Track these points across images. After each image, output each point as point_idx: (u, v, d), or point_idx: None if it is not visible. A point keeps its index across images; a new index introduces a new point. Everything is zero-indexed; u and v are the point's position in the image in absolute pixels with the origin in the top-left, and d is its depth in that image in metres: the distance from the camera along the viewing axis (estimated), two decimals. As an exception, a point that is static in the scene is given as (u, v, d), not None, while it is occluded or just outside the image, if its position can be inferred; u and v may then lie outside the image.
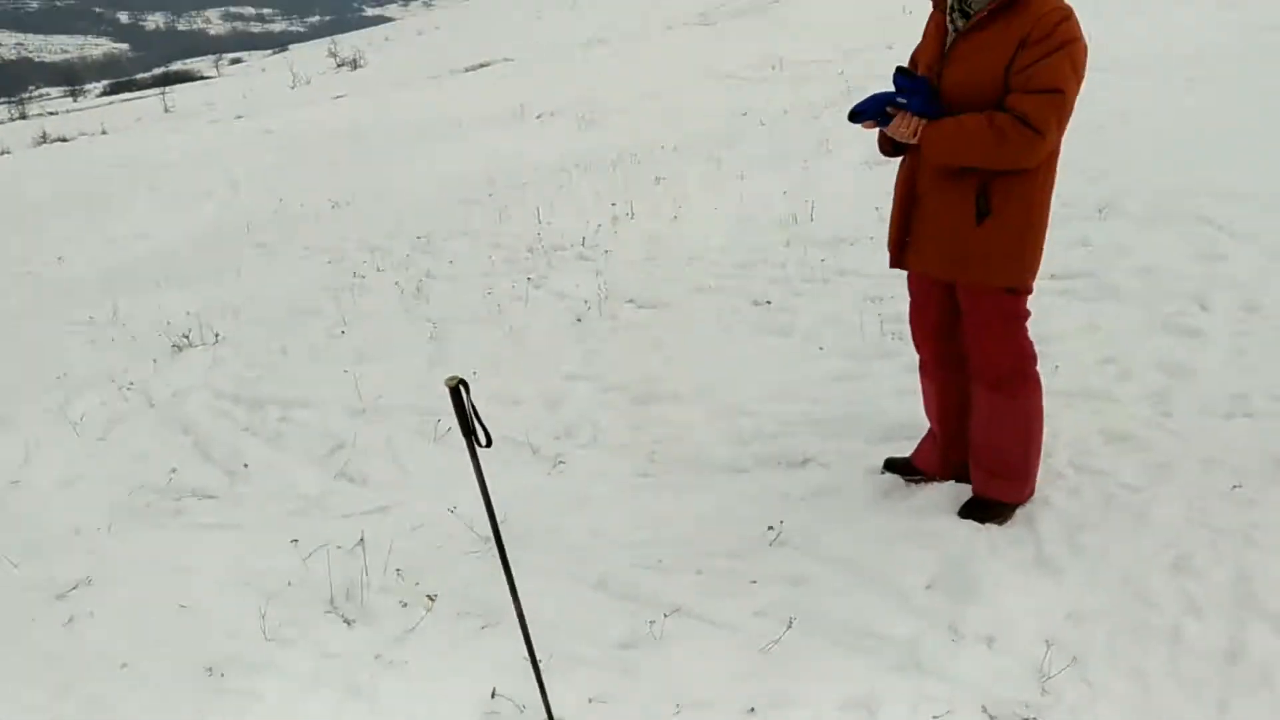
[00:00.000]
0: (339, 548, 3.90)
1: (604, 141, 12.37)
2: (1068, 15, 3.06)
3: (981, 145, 3.08)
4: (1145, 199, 6.45)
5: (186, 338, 6.67)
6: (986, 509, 3.50)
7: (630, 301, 6.38)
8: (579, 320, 6.17)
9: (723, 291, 6.33)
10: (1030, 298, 3.44)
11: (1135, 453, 3.73)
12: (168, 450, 5.10)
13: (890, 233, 3.56)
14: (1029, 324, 3.48)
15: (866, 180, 8.15)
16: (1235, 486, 3.45)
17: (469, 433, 2.45)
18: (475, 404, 2.53)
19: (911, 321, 3.73)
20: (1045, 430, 3.81)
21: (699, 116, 12.81)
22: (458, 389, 2.39)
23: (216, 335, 6.72)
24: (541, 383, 5.28)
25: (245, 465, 4.73)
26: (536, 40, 31.80)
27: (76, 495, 4.74)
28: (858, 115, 3.32)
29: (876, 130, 3.40)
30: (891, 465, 3.88)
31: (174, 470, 4.82)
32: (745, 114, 12.48)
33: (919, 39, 3.47)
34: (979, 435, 3.52)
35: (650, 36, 25.95)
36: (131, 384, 6.09)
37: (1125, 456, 3.71)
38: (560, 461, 4.48)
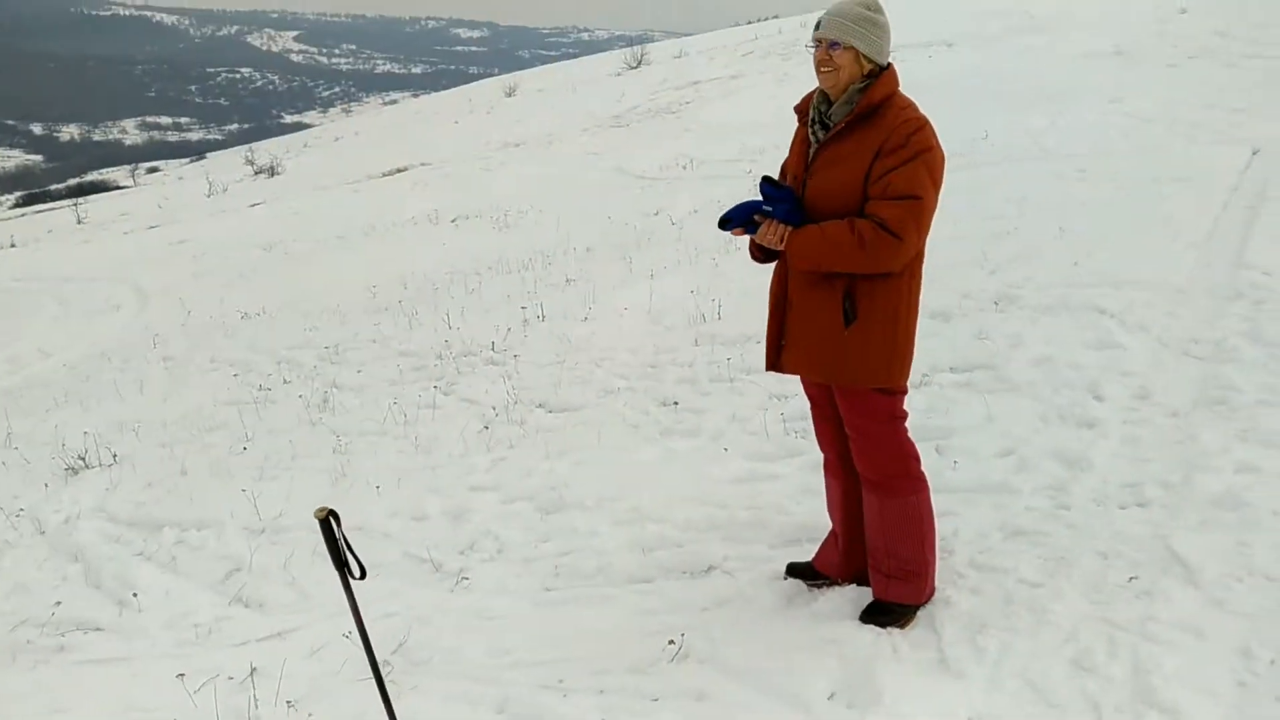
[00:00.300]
0: (230, 678, 3.74)
1: (518, 244, 12.43)
2: (922, 125, 3.18)
3: (843, 251, 3.16)
4: (1041, 289, 6.62)
5: (82, 459, 6.45)
6: (888, 613, 3.48)
7: (540, 406, 6.33)
8: (486, 427, 6.10)
9: (632, 392, 6.32)
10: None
11: (1034, 547, 3.75)
12: (54, 581, 4.89)
13: (767, 336, 3.61)
14: (910, 423, 3.52)
15: (769, 279, 8.26)
16: (1132, 578, 3.48)
17: (341, 565, 2.36)
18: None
19: (814, 421, 3.74)
20: (945, 527, 3.83)
21: (612, 217, 12.96)
22: (327, 520, 2.31)
23: (114, 455, 6.52)
24: (447, 495, 5.18)
25: (134, 594, 4.53)
26: (454, 145, 32.08)
27: (-49, 635, 4.50)
28: (727, 223, 3.39)
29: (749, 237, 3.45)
30: (794, 570, 3.84)
31: (58, 603, 4.61)
32: (656, 213, 12.66)
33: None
34: (873, 539, 3.53)
35: (566, 139, 26.36)
36: (21, 511, 5.86)
37: (1024, 552, 3.72)
38: (463, 578, 4.37)
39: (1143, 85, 14.36)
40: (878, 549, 3.51)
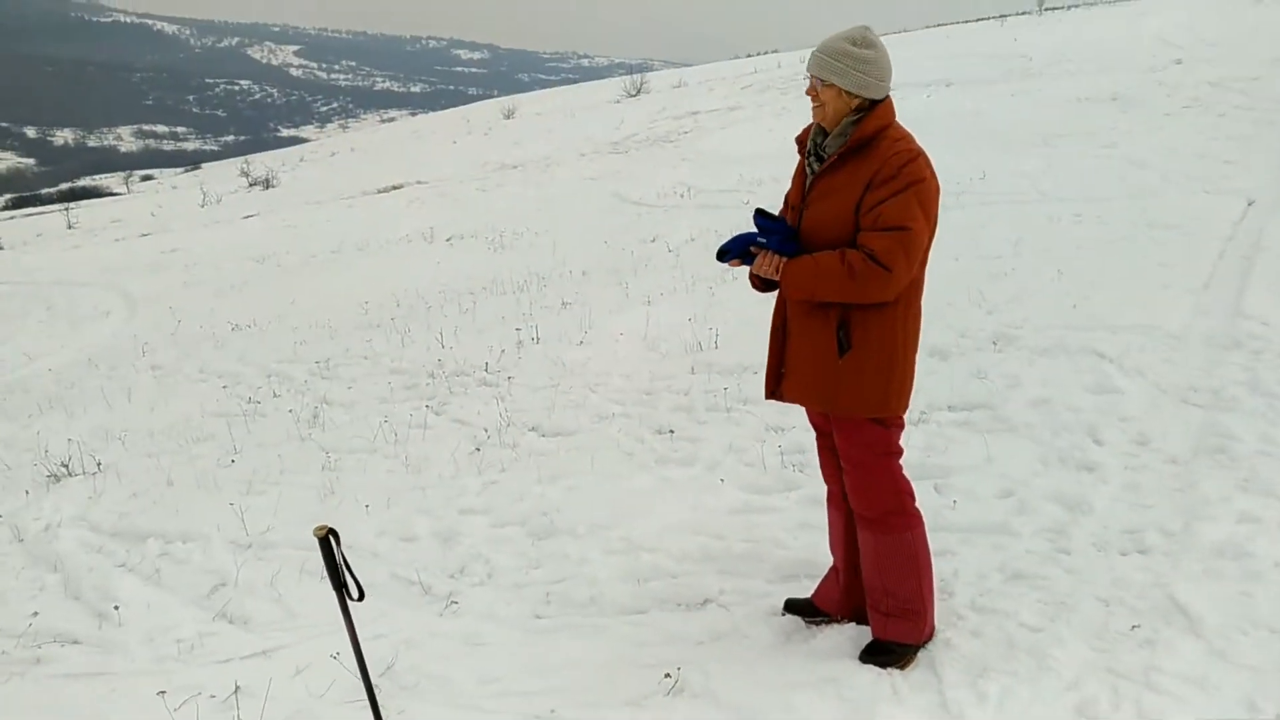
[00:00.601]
0: (212, 697, 3.66)
1: (513, 265, 12.40)
2: (915, 157, 3.19)
3: (835, 281, 3.18)
4: (1039, 331, 6.61)
5: (65, 467, 6.36)
6: (887, 652, 3.43)
7: (533, 429, 6.27)
8: (478, 449, 6.04)
9: (627, 419, 6.27)
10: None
11: (1034, 590, 3.70)
12: (31, 591, 4.79)
13: (767, 365, 3.63)
14: (909, 461, 3.51)
15: (770, 309, 8.24)
16: (1134, 626, 3.43)
17: (339, 585, 2.29)
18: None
19: (818, 452, 3.72)
20: (945, 567, 3.79)
21: (608, 242, 12.95)
22: (327, 539, 2.25)
23: (99, 464, 6.42)
24: (437, 517, 5.11)
25: (116, 607, 4.44)
26: (451, 165, 32.10)
27: (-76, 642, 4.39)
28: (725, 254, 3.43)
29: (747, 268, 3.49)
30: (792, 606, 3.79)
31: (35, 614, 4.51)
32: (654, 240, 12.66)
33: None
34: (870, 577, 3.50)
35: (564, 163, 26.39)
36: (0, 517, 5.76)
37: (1025, 595, 3.68)
38: (453, 602, 4.29)
39: (1138, 132, 14.47)
40: (875, 587, 3.47)
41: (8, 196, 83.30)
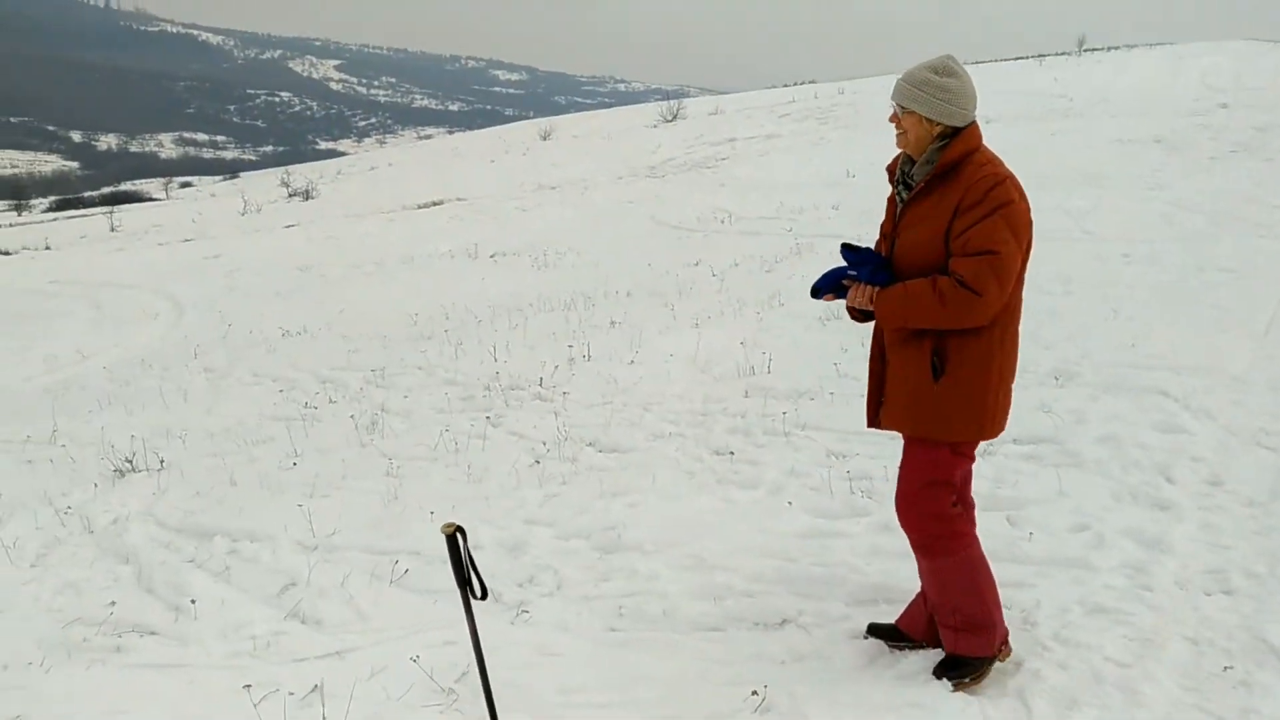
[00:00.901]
0: (291, 694, 3.68)
1: (558, 283, 12.47)
2: (1001, 180, 3.20)
3: (926, 308, 3.22)
4: (1099, 368, 6.60)
5: (129, 462, 6.43)
6: (959, 666, 3.46)
7: (590, 445, 6.30)
8: (537, 462, 6.06)
9: (683, 439, 6.28)
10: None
11: (1117, 626, 3.68)
12: (106, 581, 4.84)
13: (868, 394, 3.65)
14: (978, 492, 3.57)
15: (822, 335, 8.27)
16: (1227, 668, 3.40)
17: (464, 583, 2.32)
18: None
19: None
20: (1026, 598, 3.79)
21: (651, 264, 13.01)
22: (454, 536, 2.27)
23: (161, 461, 6.49)
24: (500, 526, 5.13)
25: (192, 601, 4.47)
26: (490, 183, 32.32)
27: (6, 626, 4.45)
28: (818, 291, 3.50)
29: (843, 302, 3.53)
30: (876, 630, 3.78)
31: (113, 603, 4.55)
32: (697, 264, 12.69)
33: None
34: (933, 596, 3.53)
35: (601, 185, 26.52)
36: (69, 509, 5.83)
37: (1108, 630, 3.65)
38: (524, 611, 4.30)
39: (1184, 175, 14.44)
40: (941, 605, 3.50)
41: (52, 198, 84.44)
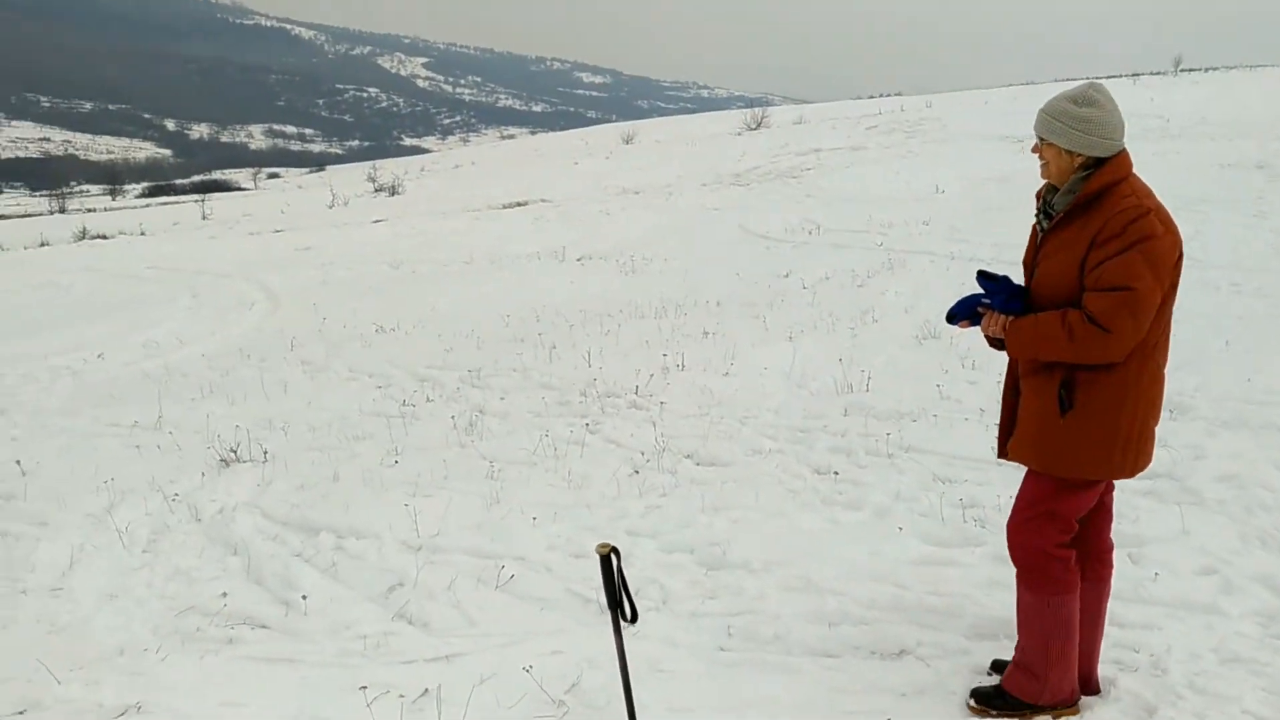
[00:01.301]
0: (401, 697, 3.70)
1: (646, 289, 12.47)
2: (1144, 213, 3.08)
3: (1054, 341, 3.15)
4: (1216, 402, 6.40)
5: (234, 452, 6.54)
6: (996, 699, 3.47)
7: (688, 457, 6.26)
8: (637, 472, 6.04)
9: (782, 455, 6.22)
10: (1111, 498, 3.40)
11: (1255, 677, 3.54)
12: (216, 571, 4.92)
13: (1000, 423, 3.59)
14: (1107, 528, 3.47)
15: (920, 355, 8.15)
16: (1374, 726, 3.26)
17: (615, 605, 2.29)
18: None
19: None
20: (1155, 641, 3.68)
21: (740, 273, 12.94)
22: (609, 557, 2.25)
23: (265, 453, 6.59)
24: (603, 535, 5.10)
25: (303, 596, 4.52)
26: (573, 185, 32.47)
27: (121, 611, 4.54)
28: (953, 317, 3.45)
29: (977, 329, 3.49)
30: (1000, 668, 3.69)
31: (225, 594, 4.62)
32: (787, 275, 12.59)
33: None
34: (1017, 620, 3.49)
35: (685, 191, 26.48)
36: (177, 496, 5.95)
37: (1245, 680, 3.51)
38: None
39: (1289, 202, 14.00)
40: (1017, 632, 3.48)
41: (145, 184, 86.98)
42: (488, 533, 5.19)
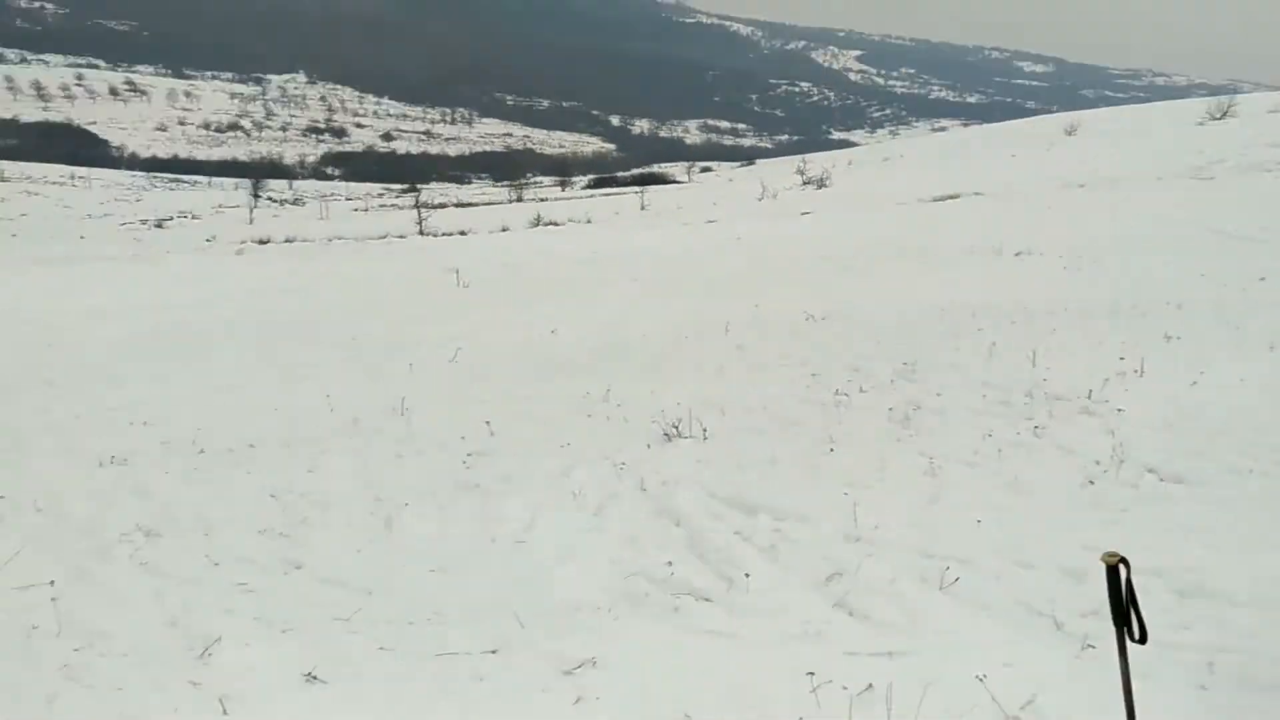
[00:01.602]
0: (845, 688, 3.62)
1: (1094, 287, 11.60)
2: None
3: None
4: None
5: (676, 428, 6.79)
6: None
7: (1151, 471, 5.68)
8: (1092, 482, 5.57)
9: (1265, 478, 5.48)
10: None
11: None
12: (661, 540, 5.11)
13: None
14: None
15: None
16: None
17: (1120, 620, 2.06)
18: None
19: None
20: None
21: (1205, 274, 11.68)
22: (1116, 568, 2.02)
23: (704, 430, 6.79)
24: (1054, 547, 4.75)
25: (746, 575, 4.58)
26: (1010, 177, 30.99)
27: (576, 569, 4.82)
28: None
29: None
30: None
31: (670, 564, 4.78)
32: (1262, 279, 11.19)
33: None
34: None
35: (1136, 184, 24.43)
36: (624, 464, 6.26)
37: None
38: (1089, 645, 3.91)
39: None
40: None
41: (591, 176, 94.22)
42: (928, 531, 4.99)
